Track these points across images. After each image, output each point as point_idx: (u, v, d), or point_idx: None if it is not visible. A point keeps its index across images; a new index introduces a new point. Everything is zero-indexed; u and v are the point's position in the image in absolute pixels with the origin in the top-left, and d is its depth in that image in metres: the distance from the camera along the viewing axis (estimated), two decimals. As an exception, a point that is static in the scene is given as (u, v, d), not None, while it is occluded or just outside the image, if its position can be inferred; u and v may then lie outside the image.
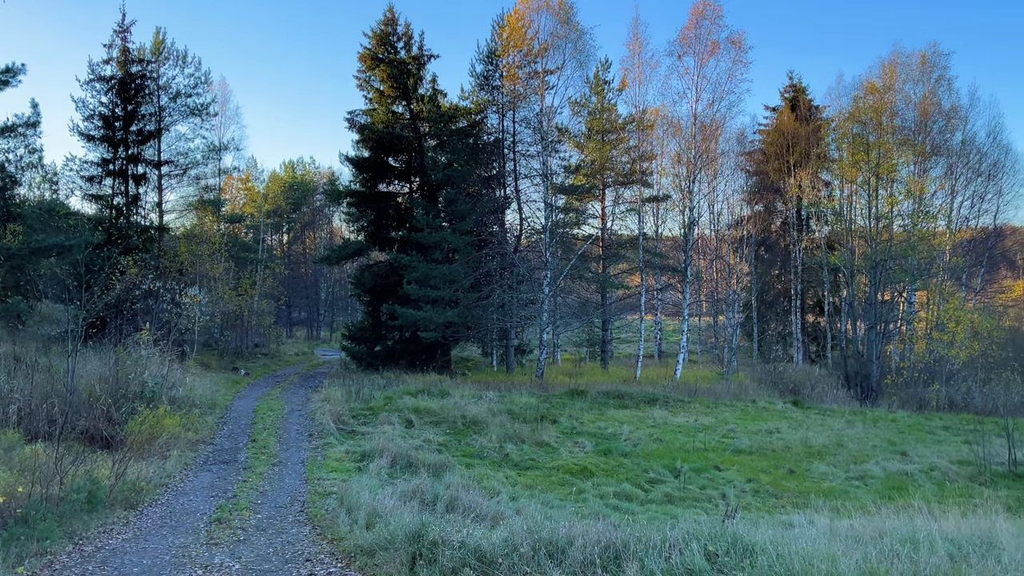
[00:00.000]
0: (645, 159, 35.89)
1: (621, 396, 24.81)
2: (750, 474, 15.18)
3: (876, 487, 14.42)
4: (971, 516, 9.39)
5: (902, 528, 7.14)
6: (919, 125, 34.95)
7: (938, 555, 5.68)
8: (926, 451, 17.70)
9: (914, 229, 33.74)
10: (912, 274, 32.68)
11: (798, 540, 6.68)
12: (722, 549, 6.48)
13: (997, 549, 6.21)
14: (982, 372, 28.00)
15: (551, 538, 7.07)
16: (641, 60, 33.80)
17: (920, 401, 26.29)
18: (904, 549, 5.92)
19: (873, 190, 34.08)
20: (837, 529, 8.06)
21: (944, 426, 21.36)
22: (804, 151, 38.19)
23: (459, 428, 18.60)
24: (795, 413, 23.04)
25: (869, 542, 6.52)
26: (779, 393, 27.73)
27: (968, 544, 6.38)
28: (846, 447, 18.05)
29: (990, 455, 16.41)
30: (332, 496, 10.67)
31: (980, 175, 37.48)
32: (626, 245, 38.10)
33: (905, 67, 34.79)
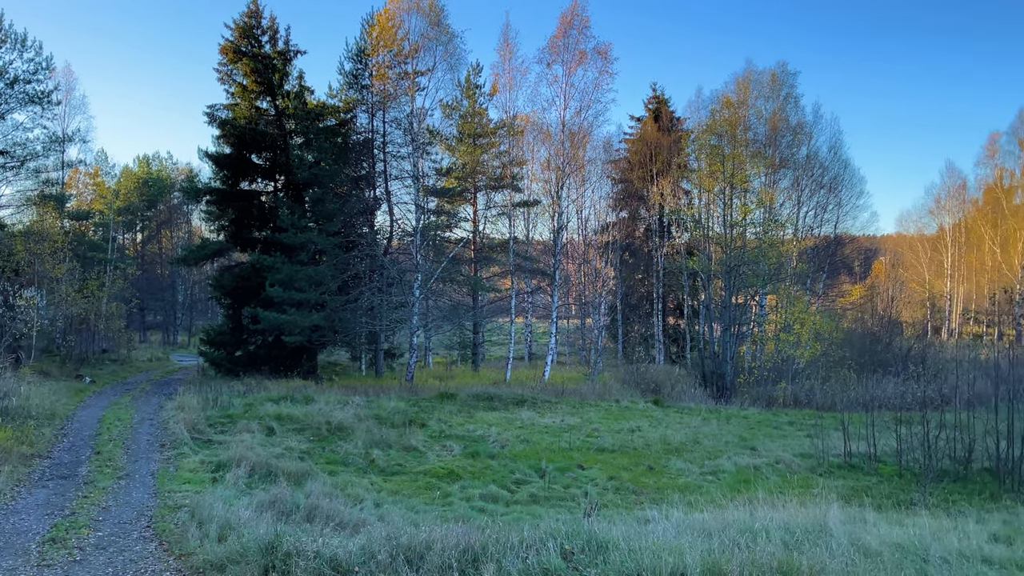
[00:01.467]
0: (516, 164, 36.37)
1: (491, 398, 24.96)
2: (612, 472, 15.62)
3: (727, 481, 15.18)
4: (809, 505, 10.03)
5: (744, 520, 7.52)
6: (769, 139, 37.29)
7: (774, 544, 6.01)
8: (773, 445, 18.82)
9: (765, 237, 35.93)
10: (763, 279, 34.77)
11: (650, 535, 6.91)
12: (578, 547, 6.60)
13: (827, 536, 6.65)
14: (823, 370, 30.17)
15: (410, 544, 6.97)
16: (512, 66, 34.26)
17: (769, 398, 28.00)
18: (743, 539, 6.23)
19: (728, 199, 36.04)
20: (690, 523, 8.39)
21: (789, 421, 22.82)
22: (666, 160, 39.89)
23: (324, 435, 18.10)
24: (656, 412, 23.96)
25: (715, 534, 6.83)
26: (641, 393, 28.77)
27: (803, 532, 6.80)
28: (702, 444, 18.92)
29: (828, 448, 17.65)
30: (183, 509, 10.09)
31: (823, 187, 40.51)
32: (497, 248, 38.43)
33: (757, 84, 37.05)
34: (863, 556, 5.93)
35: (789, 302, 35.57)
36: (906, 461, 16.76)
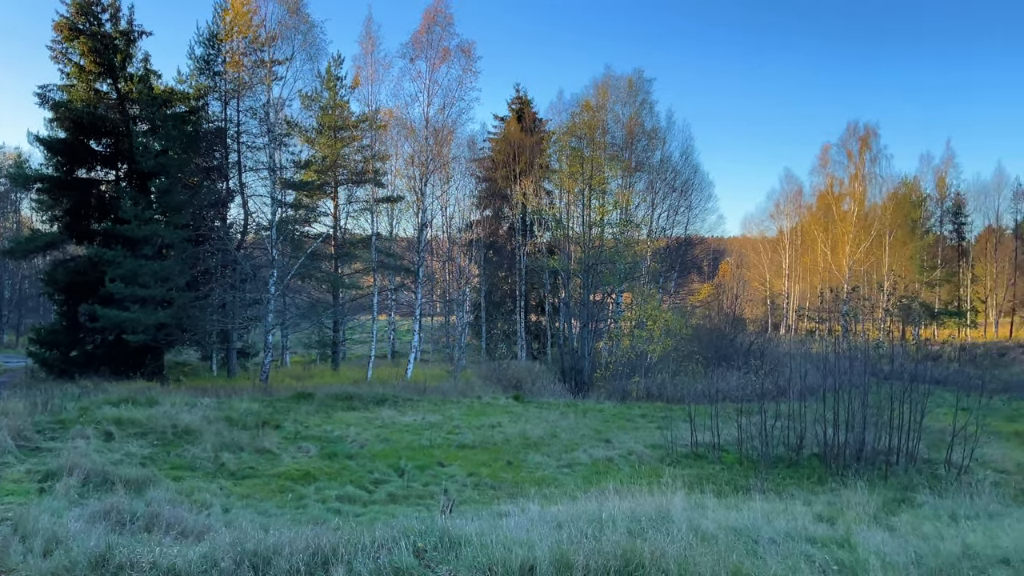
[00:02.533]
0: (379, 159, 35.82)
1: (350, 397, 24.47)
2: (472, 468, 15.69)
3: (583, 473, 15.62)
4: (657, 494, 10.47)
5: (594, 511, 7.74)
6: (626, 143, 38.74)
7: (619, 532, 6.22)
8: (626, 437, 19.56)
9: (621, 237, 37.34)
10: (619, 277, 36.10)
11: (504, 529, 6.97)
12: (431, 544, 6.56)
13: (670, 522, 6.96)
14: (673, 365, 31.69)
15: (256, 549, 6.68)
16: (374, 59, 33.69)
17: (624, 392, 29.08)
18: (591, 529, 6.41)
19: (587, 200, 37.13)
20: (544, 515, 8.54)
21: (642, 414, 23.79)
22: (529, 161, 40.57)
23: (169, 439, 17.08)
24: (516, 407, 24.31)
25: (565, 525, 6.98)
26: (503, 389, 29.12)
27: (647, 520, 7.08)
28: (559, 437, 19.37)
29: (677, 438, 18.54)
30: (5, 523, 9.18)
31: (675, 190, 42.59)
32: (359, 245, 37.71)
33: (615, 89, 38.37)
34: (700, 540, 6.25)
35: (643, 300, 37.08)
36: (746, 449, 17.87)
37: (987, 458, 19.06)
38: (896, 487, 14.67)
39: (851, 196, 53.20)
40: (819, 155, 58.07)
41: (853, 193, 52.97)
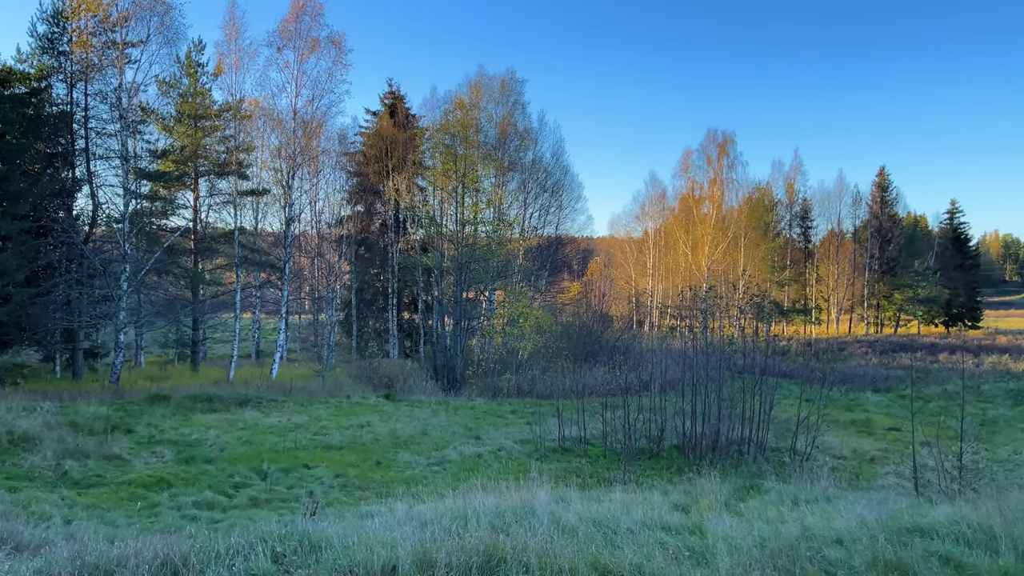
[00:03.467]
0: (243, 150, 34.40)
1: (210, 399, 23.39)
2: (339, 469, 15.38)
3: (453, 470, 15.63)
4: (524, 489, 10.63)
5: (460, 508, 7.76)
6: (499, 142, 39.08)
7: (482, 528, 6.25)
8: (496, 434, 19.75)
9: (494, 235, 37.64)
10: (492, 275, 36.40)
11: (367, 530, 6.85)
12: (291, 549, 6.35)
13: (533, 517, 7.07)
14: (543, 361, 32.30)
15: (98, 562, 6.23)
16: (239, 47, 32.36)
17: (495, 389, 29.34)
18: (455, 527, 6.42)
19: (461, 198, 37.19)
20: (412, 515, 8.47)
21: (512, 410, 24.09)
22: (402, 156, 40.16)
23: (4, 447, 15.71)
24: (387, 406, 24.01)
25: (430, 524, 6.95)
26: (374, 388, 28.69)
27: (512, 515, 7.16)
28: (430, 435, 19.31)
29: (545, 433, 18.89)
30: None
31: (546, 190, 43.40)
32: (222, 239, 36.06)
33: (488, 88, 38.62)
34: (562, 533, 6.38)
35: (515, 298, 37.58)
36: (610, 442, 18.47)
37: (827, 445, 20.60)
38: (746, 475, 15.59)
39: (710, 200, 56.06)
40: (681, 160, 60.91)
41: (712, 197, 55.84)
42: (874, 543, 6.47)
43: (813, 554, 6.31)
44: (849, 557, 6.22)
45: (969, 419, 25.65)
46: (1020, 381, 36.88)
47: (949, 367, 41.34)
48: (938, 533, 7.01)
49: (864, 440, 22.78)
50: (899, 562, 6.15)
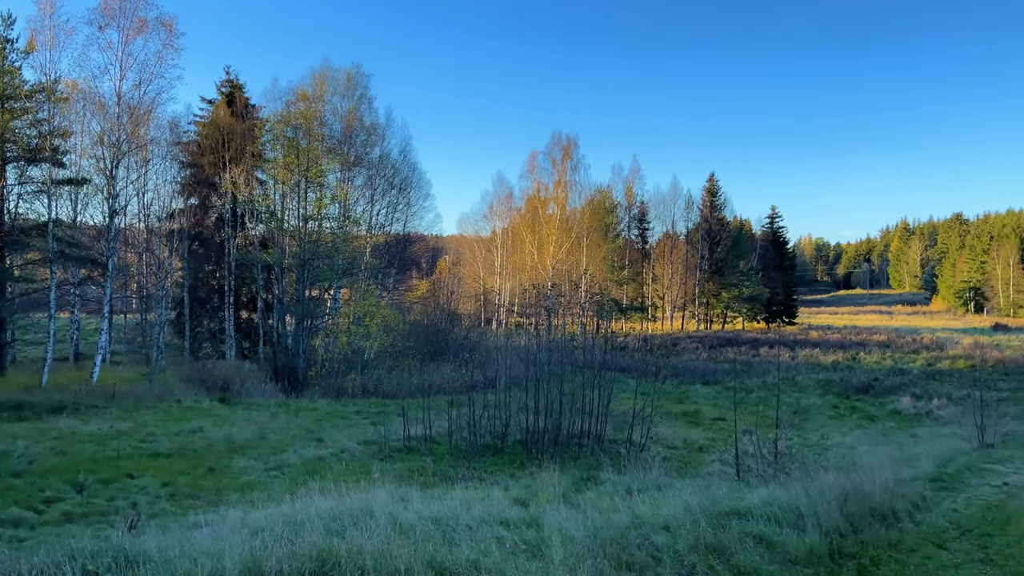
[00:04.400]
0: (59, 135, 31.52)
1: (20, 407, 21.34)
2: (167, 478, 14.44)
3: (293, 475, 15.08)
4: (367, 490, 10.43)
5: (293, 512, 7.49)
6: (345, 136, 38.18)
7: (316, 533, 6.06)
8: (339, 435, 19.28)
9: (340, 232, 36.75)
10: (337, 273, 35.50)
11: (194, 541, 6.47)
12: (104, 566, 5.87)
13: (371, 518, 6.94)
14: (390, 360, 31.94)
15: None
16: (54, 23, 29.61)
17: (340, 390, 28.68)
18: (288, 532, 6.18)
19: (304, 193, 36.02)
20: (245, 522, 8.08)
21: (357, 411, 23.63)
22: (240, 148, 38.33)
23: None
24: (222, 410, 22.86)
25: (262, 531, 6.65)
26: (208, 391, 27.21)
27: (349, 517, 6.99)
28: (268, 439, 18.56)
29: (390, 433, 18.68)
30: None
31: (394, 187, 42.93)
32: (34, 232, 32.81)
33: (333, 81, 37.61)
34: (400, 533, 6.30)
35: (362, 296, 36.90)
36: (456, 440, 18.52)
37: (661, 436, 21.71)
38: (585, 467, 16.13)
39: (555, 201, 57.60)
40: (528, 161, 62.18)
41: (557, 198, 57.41)
42: (696, 527, 6.86)
43: (642, 540, 6.60)
44: (674, 541, 6.56)
45: (785, 408, 27.92)
46: (828, 372, 40.59)
47: (769, 360, 44.79)
48: (753, 515, 7.54)
49: (694, 430, 24.22)
50: (718, 543, 6.56)
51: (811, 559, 6.76)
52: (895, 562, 7.05)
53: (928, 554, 7.39)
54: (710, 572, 6.01)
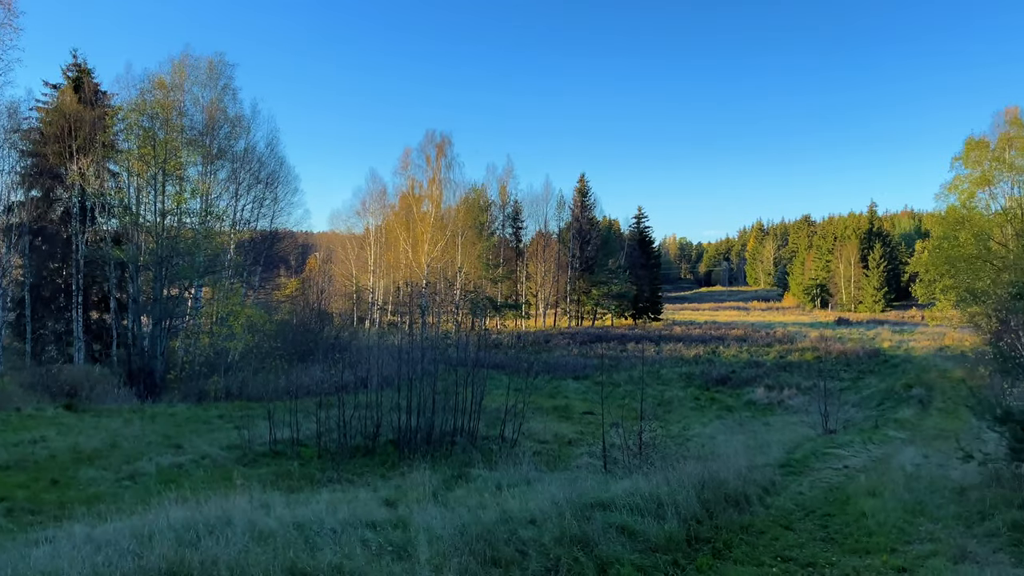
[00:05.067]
0: None
1: None
2: (3, 492, 13.27)
3: (148, 484, 14.21)
4: (225, 498, 9.96)
5: (141, 525, 7.04)
6: (207, 128, 36.37)
7: (167, 544, 5.71)
8: (200, 441, 18.36)
9: (201, 228, 34.98)
10: (199, 271, 33.77)
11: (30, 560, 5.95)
12: (-82, 596, 5.30)
13: (230, 526, 6.62)
14: (256, 362, 30.74)
15: None
16: None
17: (201, 393, 27.32)
18: (136, 546, 5.80)
19: (161, 186, 34.06)
20: (92, 537, 7.52)
21: (220, 415, 22.59)
22: (89, 137, 35.72)
23: None
24: (68, 418, 21.23)
25: (107, 546, 6.21)
26: (52, 397, 25.20)
27: (205, 527, 6.63)
28: (121, 447, 17.42)
29: (256, 437, 17.99)
30: None
31: (260, 182, 41.28)
32: None
33: (194, 69, 35.75)
34: (259, 541, 6.05)
35: (226, 295, 35.31)
36: (325, 442, 18.05)
37: (532, 431, 22.06)
38: (457, 464, 16.13)
39: (429, 198, 57.33)
40: (401, 158, 61.34)
41: (431, 196, 57.15)
42: (562, 520, 6.99)
43: (509, 536, 6.64)
44: (540, 535, 6.64)
45: (649, 401, 29.00)
46: (690, 366, 42.56)
47: (636, 355, 46.43)
48: (616, 506, 7.76)
49: (564, 424, 24.77)
50: (583, 535, 6.70)
51: (670, 546, 7.03)
52: (746, 544, 7.45)
53: (776, 535, 7.86)
54: (574, 564, 6.12)
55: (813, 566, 6.77)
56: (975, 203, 33.94)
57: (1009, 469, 9.12)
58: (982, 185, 33.49)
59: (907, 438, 20.04)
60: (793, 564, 6.84)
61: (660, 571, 6.42)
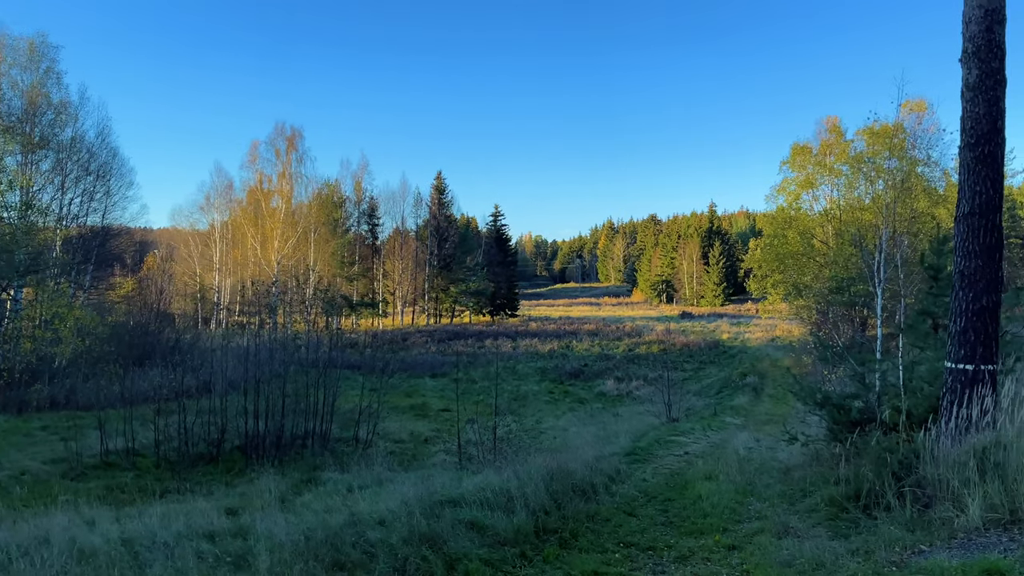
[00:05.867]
0: None
1: None
2: None
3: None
4: (46, 516, 9.16)
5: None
6: (27, 114, 33.33)
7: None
8: (20, 455, 16.79)
9: (21, 222, 31.99)
10: (19, 270, 30.86)
11: None
12: None
13: (47, 546, 6.08)
14: (87, 367, 28.47)
15: None
16: None
17: (21, 403, 24.93)
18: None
19: (-27, 176, 30.84)
20: None
21: (43, 426, 20.80)
22: None
23: None
24: None
25: None
26: None
27: (17, 549, 6.05)
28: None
29: (85, 449, 16.68)
30: None
31: (91, 174, 38.25)
32: None
33: (12, 50, 32.64)
34: (81, 560, 5.59)
35: (51, 296, 32.47)
36: (165, 451, 17.01)
37: (388, 431, 21.81)
38: (307, 468, 15.68)
39: (279, 193, 55.38)
40: (249, 151, 58.97)
41: (281, 191, 55.23)
42: (411, 519, 6.92)
43: (357, 538, 6.50)
44: (389, 535, 6.55)
45: (505, 396, 29.49)
46: (545, 360, 43.57)
47: (493, 351, 46.99)
48: (466, 501, 7.79)
49: (421, 422, 24.66)
50: (431, 533, 6.67)
51: (519, 539, 7.14)
52: (592, 532, 7.69)
53: (620, 522, 8.16)
54: (422, 563, 6.08)
55: (653, 549, 7.07)
56: (800, 204, 36.78)
57: (828, 449, 9.91)
58: (806, 187, 36.33)
59: (742, 424, 21.45)
60: (635, 549, 7.12)
61: (508, 564, 6.49)
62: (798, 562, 5.89)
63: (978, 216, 7.41)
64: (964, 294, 7.47)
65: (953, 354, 7.55)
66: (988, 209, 7.41)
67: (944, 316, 9.34)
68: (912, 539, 5.93)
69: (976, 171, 7.43)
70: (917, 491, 6.85)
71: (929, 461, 6.96)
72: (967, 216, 7.48)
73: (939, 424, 7.49)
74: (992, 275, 7.42)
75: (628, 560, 6.75)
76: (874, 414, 9.25)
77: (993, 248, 7.42)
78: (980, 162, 7.41)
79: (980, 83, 7.43)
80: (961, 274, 7.53)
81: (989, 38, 7.41)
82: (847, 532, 6.70)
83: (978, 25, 7.45)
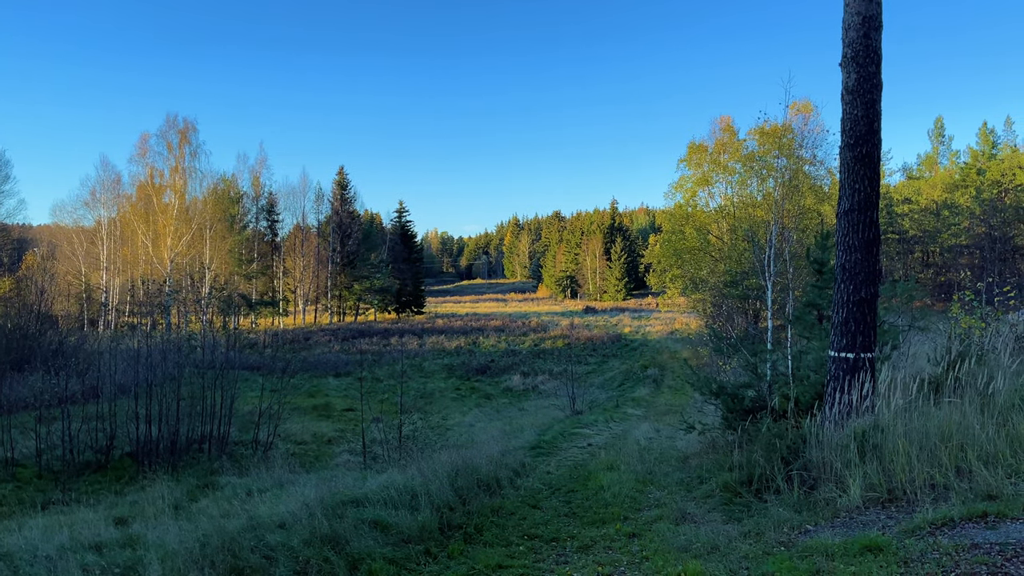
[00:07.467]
0: None
1: None
2: None
3: None
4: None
5: None
6: None
7: None
8: None
9: None
10: None
11: None
12: None
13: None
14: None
15: None
16: None
17: None
18: None
19: None
20: None
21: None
22: None
23: None
24: None
25: None
26: None
27: None
28: None
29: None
30: None
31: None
32: None
33: None
34: (-50, 581, 5.21)
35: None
36: (48, 460, 16.06)
37: (290, 432, 21.28)
38: (204, 473, 15.12)
39: (172, 188, 53.02)
40: (138, 144, 55.81)
41: (174, 186, 52.90)
42: (313, 520, 6.78)
43: (256, 543, 6.32)
44: (289, 538, 6.40)
45: (411, 393, 29.26)
46: (452, 357, 43.47)
47: (399, 349, 46.52)
48: (370, 500, 7.69)
49: (324, 423, 24.16)
50: (333, 533, 6.56)
51: (424, 536, 7.11)
52: (497, 526, 7.74)
53: (524, 515, 8.24)
54: (325, 564, 5.98)
55: (557, 540, 7.18)
56: (697, 200, 38.09)
57: (723, 437, 10.30)
58: (703, 185, 37.65)
59: (643, 414, 22.04)
60: (539, 541, 7.21)
61: (412, 561, 6.45)
62: (695, 546, 6.10)
63: (857, 212, 7.86)
64: (845, 286, 7.91)
65: (836, 343, 7.98)
66: (866, 206, 7.87)
67: (828, 308, 9.87)
68: (799, 520, 6.24)
69: (855, 170, 7.88)
70: (804, 474, 7.22)
71: (814, 445, 7.34)
72: (847, 212, 7.92)
73: (824, 410, 7.91)
74: (871, 268, 7.89)
75: (532, 552, 6.83)
76: (765, 402, 9.69)
77: (871, 243, 7.89)
78: (859, 162, 7.86)
79: (859, 87, 7.88)
80: (843, 267, 7.97)
81: (867, 44, 7.86)
82: (740, 516, 6.99)
83: (856, 31, 7.89)
